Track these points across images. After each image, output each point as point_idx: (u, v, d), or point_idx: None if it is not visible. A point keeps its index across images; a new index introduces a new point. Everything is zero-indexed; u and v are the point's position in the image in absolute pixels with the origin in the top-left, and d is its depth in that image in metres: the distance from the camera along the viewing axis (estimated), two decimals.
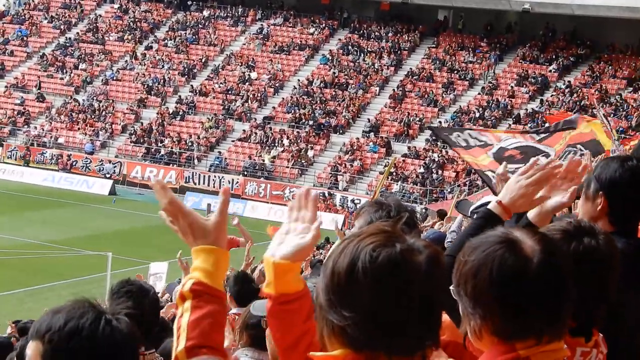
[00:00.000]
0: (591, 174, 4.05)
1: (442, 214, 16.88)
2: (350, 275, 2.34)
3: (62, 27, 67.73)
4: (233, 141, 56.29)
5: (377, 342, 2.32)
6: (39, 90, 61.68)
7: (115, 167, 54.66)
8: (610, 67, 56.16)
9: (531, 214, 3.63)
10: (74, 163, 55.24)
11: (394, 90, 57.79)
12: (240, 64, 61.91)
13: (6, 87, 62.75)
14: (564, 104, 53.11)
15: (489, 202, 4.62)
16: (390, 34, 62.73)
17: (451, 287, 2.62)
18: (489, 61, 58.27)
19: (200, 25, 66.17)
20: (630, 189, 3.97)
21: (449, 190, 47.48)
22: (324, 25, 64.23)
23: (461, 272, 2.57)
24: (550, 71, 57.25)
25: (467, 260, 2.57)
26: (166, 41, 65.22)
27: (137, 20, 67.39)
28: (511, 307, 2.49)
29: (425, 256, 2.37)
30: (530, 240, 2.54)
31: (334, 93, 58.33)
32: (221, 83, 60.49)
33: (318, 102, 57.59)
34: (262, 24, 65.21)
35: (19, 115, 60.11)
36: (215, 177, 52.75)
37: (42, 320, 2.57)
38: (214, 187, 52.01)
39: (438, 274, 2.39)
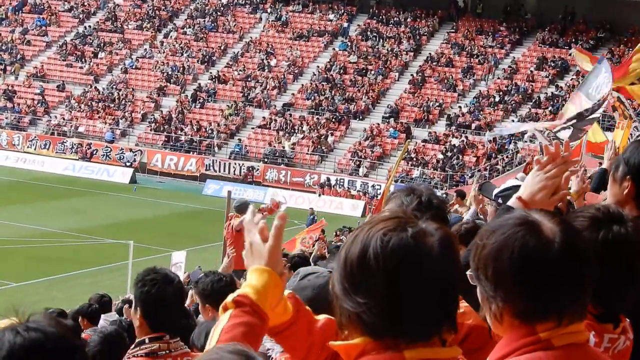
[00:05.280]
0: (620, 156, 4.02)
1: (461, 194, 16.65)
2: (362, 261, 2.36)
3: (81, 16, 67.85)
4: (253, 128, 56.35)
5: (394, 328, 2.33)
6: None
7: (135, 155, 54.82)
8: (630, 50, 55.65)
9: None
10: (94, 152, 55.42)
11: (413, 75, 57.66)
12: (259, 51, 61.91)
13: (27, 76, 62.95)
14: None
15: (513, 187, 4.58)
16: (409, 19, 62.58)
17: (468, 272, 2.60)
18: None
19: (219, 13, 66.18)
20: None
21: (469, 175, 47.42)
22: (342, 11, 64.15)
23: (480, 255, 2.54)
24: (570, 55, 56.93)
25: (485, 243, 2.54)
26: (185, 29, 65.27)
27: (155, 8, 67.44)
28: (533, 289, 2.47)
29: (438, 239, 2.37)
30: (549, 222, 2.52)
31: (353, 79, 58.27)
32: (240, 70, 60.51)
33: (337, 88, 57.54)
34: (280, 11, 65.21)
35: (39, 105, 60.33)
36: (235, 164, 52.86)
37: None
38: (234, 174, 52.17)
39: (452, 256, 2.40)
